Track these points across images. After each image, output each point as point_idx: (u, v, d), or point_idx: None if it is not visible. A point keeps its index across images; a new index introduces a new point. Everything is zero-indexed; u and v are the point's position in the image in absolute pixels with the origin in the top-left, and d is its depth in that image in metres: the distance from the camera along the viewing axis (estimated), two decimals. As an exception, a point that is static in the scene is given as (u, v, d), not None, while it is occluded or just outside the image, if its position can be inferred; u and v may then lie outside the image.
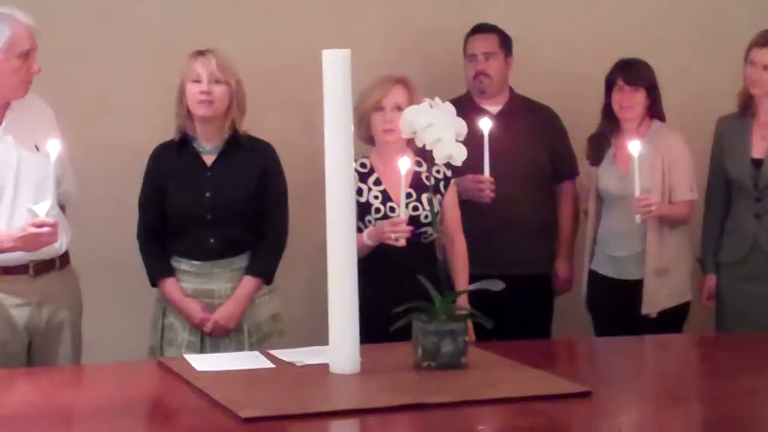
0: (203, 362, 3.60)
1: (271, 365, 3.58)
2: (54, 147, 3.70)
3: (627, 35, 5.33)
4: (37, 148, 3.99)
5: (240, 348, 4.13)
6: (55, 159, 3.84)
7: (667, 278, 4.73)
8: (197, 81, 4.15)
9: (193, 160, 4.22)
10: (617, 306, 4.81)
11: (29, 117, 4.02)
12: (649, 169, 4.63)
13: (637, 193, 4.42)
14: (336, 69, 3.41)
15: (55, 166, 3.87)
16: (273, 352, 3.74)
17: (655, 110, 4.81)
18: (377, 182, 4.33)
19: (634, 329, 4.62)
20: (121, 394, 3.39)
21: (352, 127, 3.52)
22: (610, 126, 4.84)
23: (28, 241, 3.84)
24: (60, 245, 4.00)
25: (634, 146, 4.33)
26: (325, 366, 3.46)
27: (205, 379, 3.38)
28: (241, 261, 4.22)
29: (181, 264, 4.22)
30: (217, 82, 4.14)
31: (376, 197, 4.30)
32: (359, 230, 4.10)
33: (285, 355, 3.67)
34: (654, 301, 4.73)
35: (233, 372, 3.50)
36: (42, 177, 3.95)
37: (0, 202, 3.94)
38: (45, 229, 3.79)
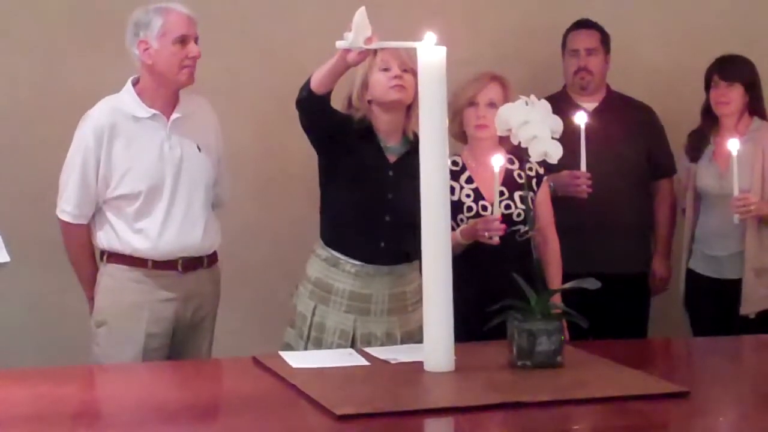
0: (298, 359, 3.62)
1: (365, 363, 3.59)
2: None
3: (729, 31, 5.25)
4: (199, 149, 4.08)
5: None
6: (216, 161, 4.06)
7: (766, 278, 4.66)
8: (386, 69, 4.00)
9: (376, 154, 4.05)
10: (715, 306, 4.75)
11: (196, 117, 4.11)
12: (748, 167, 4.56)
13: (735, 192, 4.35)
14: (431, 66, 3.38)
15: (215, 168, 4.08)
16: (368, 349, 3.76)
17: (755, 107, 4.74)
18: (469, 180, 4.31)
19: (733, 329, 4.55)
20: (216, 390, 3.42)
21: (447, 124, 3.50)
22: (709, 123, 4.78)
23: None
24: (211, 244, 4.12)
25: (733, 144, 4.27)
26: (420, 364, 3.45)
27: (300, 377, 3.39)
28: (404, 269, 4.05)
29: (340, 261, 4.05)
30: (406, 71, 3.98)
31: (468, 195, 4.29)
32: (452, 229, 4.08)
33: (380, 352, 3.68)
34: (753, 302, 4.67)
35: (328, 369, 3.51)
36: (198, 176, 4.07)
37: (159, 196, 4.02)
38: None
